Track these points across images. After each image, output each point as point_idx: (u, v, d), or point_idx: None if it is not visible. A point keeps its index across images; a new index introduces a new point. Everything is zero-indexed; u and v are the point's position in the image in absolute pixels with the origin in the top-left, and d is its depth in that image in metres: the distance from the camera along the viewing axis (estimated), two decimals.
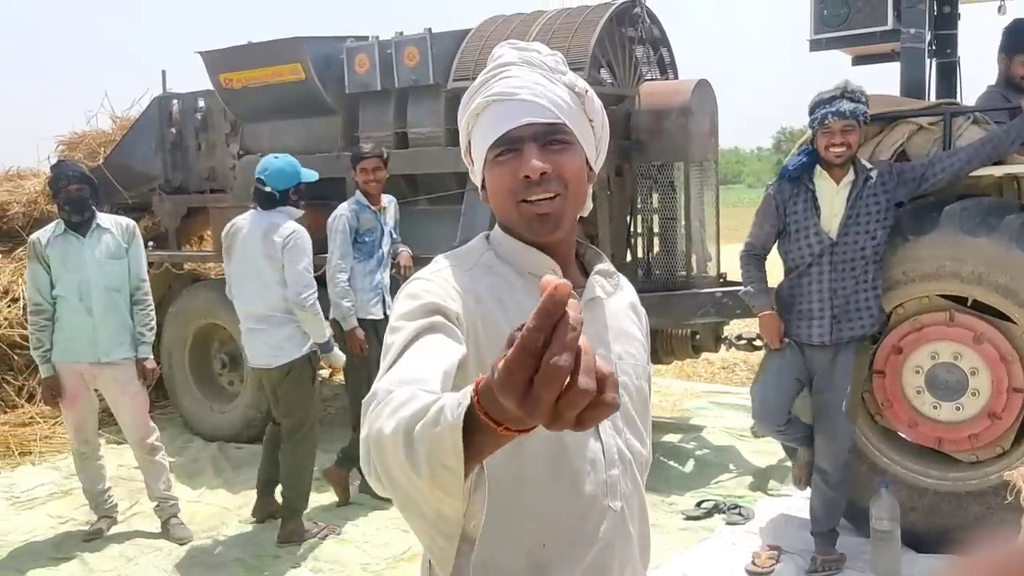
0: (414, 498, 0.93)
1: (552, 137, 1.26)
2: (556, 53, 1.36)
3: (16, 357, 6.49)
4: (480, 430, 0.82)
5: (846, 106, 3.46)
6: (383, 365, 1.12)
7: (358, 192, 4.69)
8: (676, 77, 5.85)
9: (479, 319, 1.23)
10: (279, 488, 4.45)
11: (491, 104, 1.28)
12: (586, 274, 1.37)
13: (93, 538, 4.44)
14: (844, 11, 4.26)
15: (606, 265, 1.38)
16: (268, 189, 4.22)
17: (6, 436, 5.95)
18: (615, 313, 1.37)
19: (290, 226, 4.18)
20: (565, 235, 1.31)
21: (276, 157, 4.33)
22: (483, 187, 1.34)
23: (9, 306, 6.58)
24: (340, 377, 6.43)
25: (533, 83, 1.27)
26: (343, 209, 4.64)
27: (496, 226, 1.38)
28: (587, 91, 1.32)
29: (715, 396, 6.75)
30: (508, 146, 1.25)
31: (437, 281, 1.24)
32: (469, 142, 1.34)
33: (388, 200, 4.81)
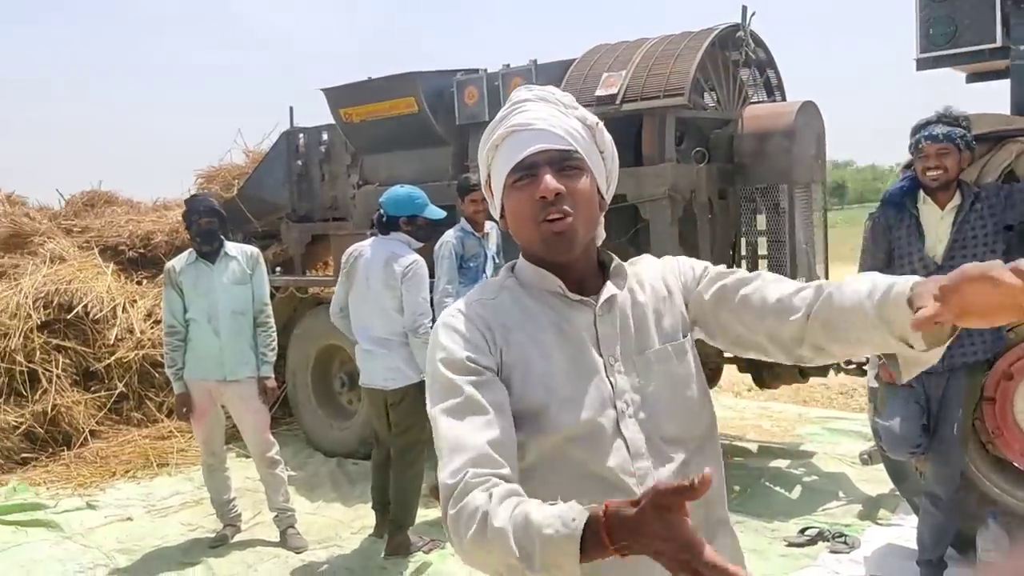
0: None
1: (565, 163, 1.38)
2: (568, 94, 1.49)
3: (158, 375, 7.00)
4: (595, 542, 1.04)
5: (939, 130, 3.42)
6: (443, 431, 1.30)
7: (463, 220, 4.88)
8: (784, 99, 5.82)
9: (504, 347, 1.38)
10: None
11: (510, 135, 1.41)
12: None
13: (218, 545, 4.77)
14: (951, 29, 4.17)
15: (618, 265, 1.48)
16: (379, 212, 4.48)
17: (146, 448, 6.44)
18: (637, 303, 1.45)
19: (410, 256, 4.38)
20: (580, 254, 1.42)
21: (402, 187, 4.58)
22: (502, 215, 1.47)
23: (152, 327, 7.12)
24: None
25: (548, 115, 1.41)
26: (449, 236, 4.84)
27: (520, 256, 1.50)
28: (598, 124, 1.46)
29: (830, 422, 6.59)
30: (526, 171, 1.38)
31: (464, 326, 1.39)
32: (489, 175, 1.47)
33: (491, 226, 4.99)
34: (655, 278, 1.50)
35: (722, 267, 1.50)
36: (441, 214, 4.58)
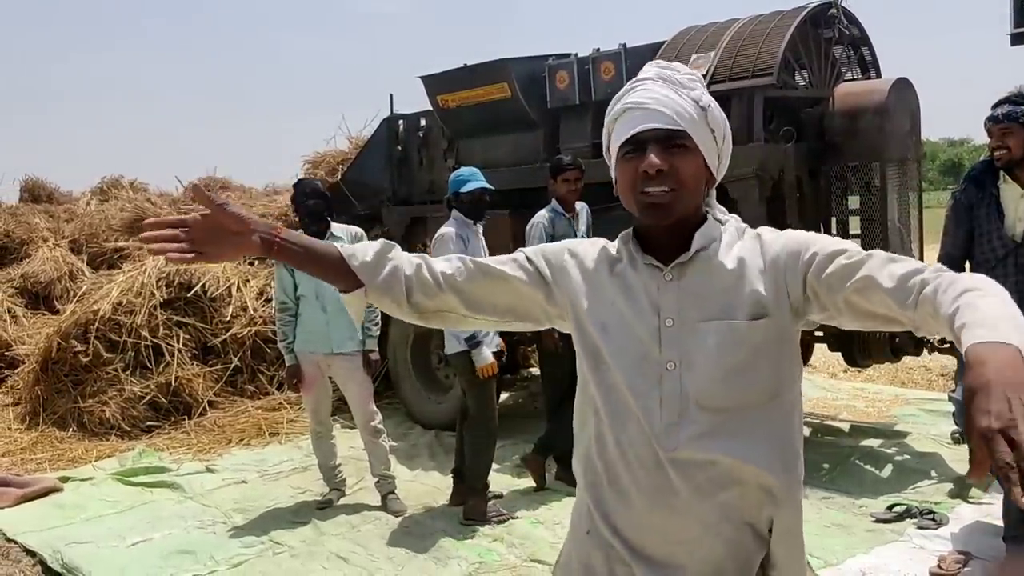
0: None
1: (673, 141, 1.52)
2: (693, 72, 1.62)
3: (269, 350, 7.44)
4: None
5: (1000, 110, 3.50)
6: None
7: (554, 200, 5.05)
8: (879, 75, 5.76)
9: (565, 277, 1.66)
10: None
11: (625, 111, 1.56)
12: None
13: (324, 507, 5.09)
14: None
15: (706, 230, 1.57)
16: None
17: (259, 419, 6.87)
18: (724, 272, 1.53)
19: (439, 230, 4.73)
20: (677, 221, 1.55)
21: (461, 168, 4.95)
22: (616, 181, 1.63)
23: (263, 306, 7.55)
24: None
25: (663, 95, 1.53)
26: (540, 216, 5.02)
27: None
28: (710, 105, 1.57)
29: (927, 403, 6.50)
30: (634, 146, 1.53)
31: (560, 245, 1.71)
32: (609, 142, 1.63)
33: (580, 207, 5.14)
34: (759, 253, 1.55)
35: (831, 246, 1.48)
36: (473, 186, 4.75)
